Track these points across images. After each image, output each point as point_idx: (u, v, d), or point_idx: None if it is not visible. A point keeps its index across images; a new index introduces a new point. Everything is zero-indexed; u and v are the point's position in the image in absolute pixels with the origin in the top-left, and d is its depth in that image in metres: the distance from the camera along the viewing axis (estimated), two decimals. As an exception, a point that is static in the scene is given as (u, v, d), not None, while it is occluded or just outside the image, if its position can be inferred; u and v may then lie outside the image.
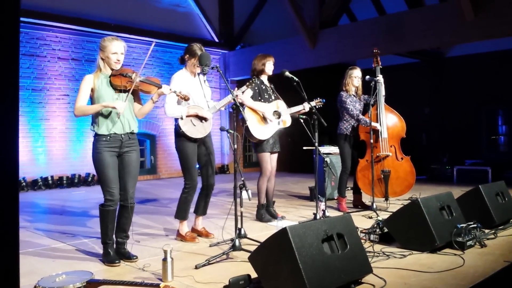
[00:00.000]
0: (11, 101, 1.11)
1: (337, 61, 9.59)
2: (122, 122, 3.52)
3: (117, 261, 3.48)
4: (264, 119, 5.04)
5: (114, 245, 3.59)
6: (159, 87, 3.63)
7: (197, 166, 4.35)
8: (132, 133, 3.59)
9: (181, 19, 11.11)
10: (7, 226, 1.10)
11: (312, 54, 9.78)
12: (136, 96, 3.67)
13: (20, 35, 1.08)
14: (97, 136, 3.50)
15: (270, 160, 5.13)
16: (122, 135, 3.53)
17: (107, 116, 3.48)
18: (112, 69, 3.55)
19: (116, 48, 3.51)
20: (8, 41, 1.06)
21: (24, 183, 8.40)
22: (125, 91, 3.54)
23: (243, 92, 4.40)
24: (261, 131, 5.01)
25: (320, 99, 5.28)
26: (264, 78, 5.18)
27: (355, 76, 5.71)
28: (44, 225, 5.15)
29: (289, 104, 5.28)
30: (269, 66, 5.11)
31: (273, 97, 5.18)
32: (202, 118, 4.22)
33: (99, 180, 3.51)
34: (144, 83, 3.60)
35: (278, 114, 5.11)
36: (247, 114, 4.97)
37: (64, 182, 8.92)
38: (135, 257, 3.57)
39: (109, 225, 3.51)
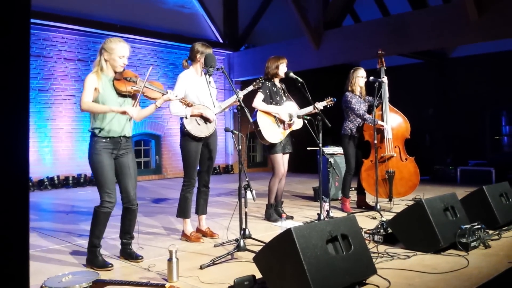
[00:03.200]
0: (22, 103, 1.13)
1: (341, 62, 9.61)
2: (121, 125, 3.50)
3: (110, 265, 3.42)
4: (275, 122, 5.07)
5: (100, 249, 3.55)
6: (164, 93, 3.63)
7: (198, 168, 4.40)
8: (128, 136, 3.60)
9: (186, 20, 11.15)
10: (17, 227, 1.12)
11: (316, 55, 9.79)
12: (135, 99, 3.64)
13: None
14: (96, 137, 3.44)
15: (282, 161, 5.15)
16: (121, 137, 3.52)
17: (108, 118, 3.44)
18: (115, 72, 3.51)
19: (123, 51, 3.47)
20: (20, 42, 1.08)
21: (30, 183, 8.46)
22: (129, 96, 3.53)
23: (257, 91, 4.40)
24: (273, 134, 5.04)
25: (331, 98, 5.30)
26: (276, 80, 5.20)
27: (360, 76, 5.72)
28: (50, 225, 5.19)
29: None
30: (282, 69, 5.11)
31: (284, 99, 5.20)
32: (206, 119, 4.26)
33: (97, 182, 3.46)
34: (149, 89, 3.58)
35: (290, 116, 5.13)
36: (259, 117, 5.00)
37: (70, 182, 8.98)
38: (140, 257, 3.60)
39: (102, 228, 3.49)
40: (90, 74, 3.45)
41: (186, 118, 4.17)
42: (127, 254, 3.64)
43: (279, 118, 5.07)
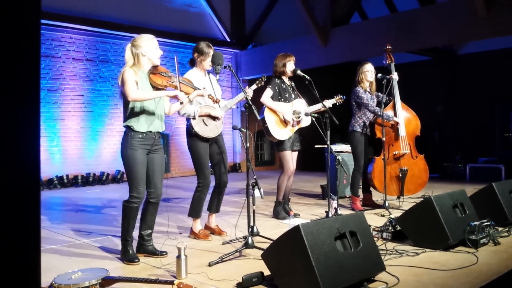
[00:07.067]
0: (33, 103, 1.14)
1: (349, 60, 9.57)
2: (158, 120, 3.58)
3: (136, 260, 3.50)
4: (282, 119, 5.06)
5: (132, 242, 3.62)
6: (196, 88, 3.74)
7: (210, 164, 4.39)
8: (161, 132, 3.67)
9: (193, 19, 11.17)
10: (30, 226, 1.13)
11: (324, 53, 9.77)
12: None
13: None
14: (133, 132, 3.47)
15: (291, 159, 5.15)
16: (156, 133, 3.59)
17: (148, 113, 3.51)
18: (151, 66, 3.58)
19: (156, 43, 3.57)
20: (30, 42, 1.09)
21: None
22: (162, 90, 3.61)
23: (264, 90, 4.41)
24: (281, 131, 5.04)
25: (341, 96, 5.28)
26: (285, 77, 5.20)
27: (368, 70, 5.60)
28: (60, 223, 5.22)
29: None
30: (289, 67, 5.10)
31: (293, 96, 5.19)
32: (214, 118, 4.26)
33: (129, 177, 3.52)
34: (183, 85, 3.68)
35: (297, 113, 5.12)
36: (267, 114, 5.00)
37: (79, 181, 9.03)
38: (165, 253, 3.65)
39: (131, 222, 3.56)
40: (126, 69, 3.45)
41: (194, 118, 4.17)
42: (150, 250, 3.66)
43: (284, 118, 5.06)
